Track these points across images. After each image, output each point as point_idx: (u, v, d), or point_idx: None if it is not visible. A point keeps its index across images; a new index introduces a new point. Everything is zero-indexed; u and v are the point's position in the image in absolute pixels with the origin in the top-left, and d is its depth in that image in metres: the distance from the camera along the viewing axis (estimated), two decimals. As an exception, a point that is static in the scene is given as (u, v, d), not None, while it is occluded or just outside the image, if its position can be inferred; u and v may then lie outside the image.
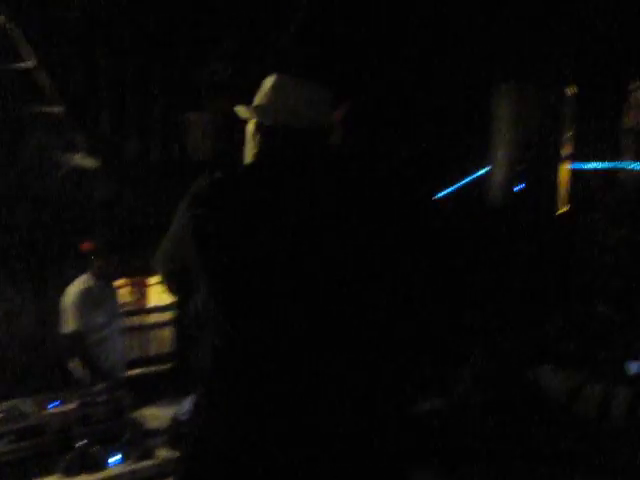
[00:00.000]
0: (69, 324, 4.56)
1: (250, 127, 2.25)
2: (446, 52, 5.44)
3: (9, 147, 4.92)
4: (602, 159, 6.08)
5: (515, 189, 4.86)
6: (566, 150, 5.04)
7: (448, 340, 5.27)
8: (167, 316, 6.64)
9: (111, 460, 3.38)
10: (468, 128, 5.37)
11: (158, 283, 6.16)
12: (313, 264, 2.01)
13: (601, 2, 6.06)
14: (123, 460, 3.41)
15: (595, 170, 6.08)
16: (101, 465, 3.34)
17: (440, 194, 5.14)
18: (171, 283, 2.31)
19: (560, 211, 5.06)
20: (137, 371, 6.07)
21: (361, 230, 2.13)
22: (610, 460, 4.34)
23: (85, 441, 3.39)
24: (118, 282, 5.21)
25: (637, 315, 5.35)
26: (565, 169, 5.06)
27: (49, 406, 3.76)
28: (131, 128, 5.52)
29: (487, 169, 5.18)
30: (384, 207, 2.24)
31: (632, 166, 6.31)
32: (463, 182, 5.35)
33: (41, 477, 3.32)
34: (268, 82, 2.31)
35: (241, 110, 2.29)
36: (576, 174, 5.54)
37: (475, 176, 5.33)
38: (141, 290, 7.05)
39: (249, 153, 2.25)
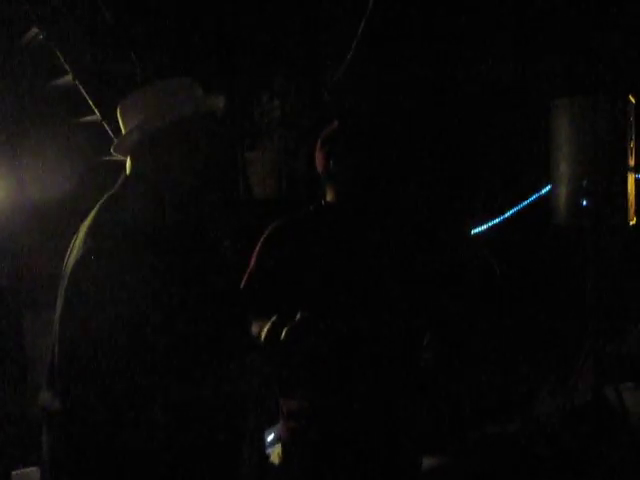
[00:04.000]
0: None
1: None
2: (497, 75, 5.42)
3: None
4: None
5: (582, 204, 4.76)
6: (632, 160, 4.92)
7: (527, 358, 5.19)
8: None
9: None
10: (525, 147, 5.32)
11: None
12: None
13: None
14: None
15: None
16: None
17: (499, 218, 5.09)
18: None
19: (631, 223, 4.93)
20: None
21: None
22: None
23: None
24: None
25: None
26: (632, 180, 4.93)
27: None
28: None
29: (549, 187, 5.11)
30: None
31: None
32: (526, 202, 5.29)
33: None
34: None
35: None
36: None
37: (538, 195, 5.26)
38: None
39: None
